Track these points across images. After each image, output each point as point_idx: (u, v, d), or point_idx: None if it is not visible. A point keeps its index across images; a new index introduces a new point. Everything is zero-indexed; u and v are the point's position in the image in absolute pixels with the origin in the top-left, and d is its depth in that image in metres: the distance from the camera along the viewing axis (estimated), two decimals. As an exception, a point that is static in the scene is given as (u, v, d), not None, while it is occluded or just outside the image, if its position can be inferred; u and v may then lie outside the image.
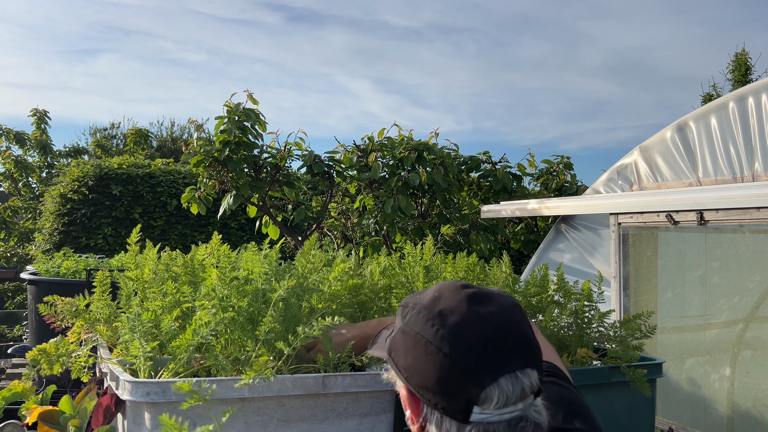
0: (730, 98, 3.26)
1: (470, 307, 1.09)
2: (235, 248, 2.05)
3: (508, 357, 1.05)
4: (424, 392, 1.08)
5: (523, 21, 38.72)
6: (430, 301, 1.13)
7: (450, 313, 1.09)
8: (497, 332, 1.07)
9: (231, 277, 1.69)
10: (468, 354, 1.05)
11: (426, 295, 1.16)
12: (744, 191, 2.88)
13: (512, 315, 1.11)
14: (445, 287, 1.15)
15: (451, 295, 1.12)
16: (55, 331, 1.92)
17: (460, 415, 1.05)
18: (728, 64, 15.75)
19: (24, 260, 9.10)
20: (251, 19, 38.31)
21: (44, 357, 1.74)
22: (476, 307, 1.09)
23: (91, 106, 36.28)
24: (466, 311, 1.08)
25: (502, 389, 1.04)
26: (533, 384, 1.06)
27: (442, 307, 1.10)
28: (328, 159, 4.80)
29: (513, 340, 1.07)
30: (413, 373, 1.09)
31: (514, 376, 1.05)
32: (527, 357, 1.07)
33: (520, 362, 1.06)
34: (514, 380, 1.04)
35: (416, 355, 1.09)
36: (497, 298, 1.12)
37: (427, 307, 1.12)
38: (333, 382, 1.58)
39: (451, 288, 1.14)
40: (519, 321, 1.11)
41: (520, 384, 1.05)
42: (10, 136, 10.04)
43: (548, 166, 5.26)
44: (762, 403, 3.05)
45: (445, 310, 1.09)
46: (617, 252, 3.61)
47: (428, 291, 1.17)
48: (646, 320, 2.04)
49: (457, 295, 1.12)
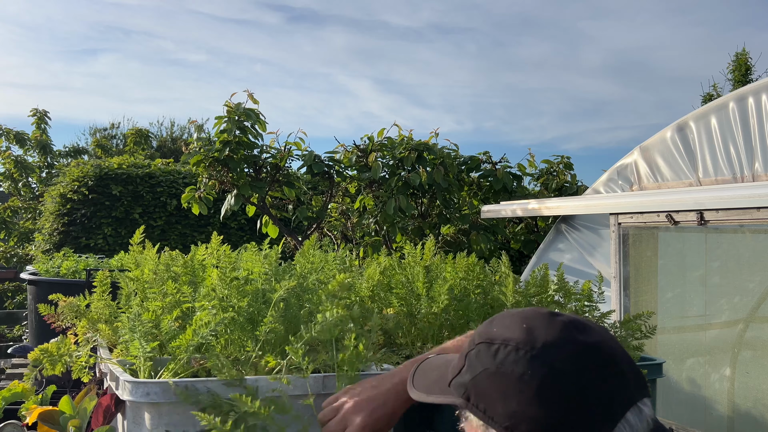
0: (730, 98, 3.27)
1: (577, 337, 0.97)
2: (235, 248, 2.05)
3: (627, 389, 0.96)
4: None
5: (523, 21, 38.75)
6: (525, 334, 0.98)
7: (554, 346, 0.96)
8: (612, 362, 0.96)
9: (231, 277, 1.69)
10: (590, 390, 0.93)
11: (509, 328, 1.01)
12: (744, 191, 2.88)
13: (615, 340, 1.01)
14: (530, 317, 1.01)
15: (544, 324, 0.99)
16: (55, 331, 1.92)
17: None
18: (728, 64, 15.78)
19: (24, 260, 9.10)
20: (251, 19, 38.34)
21: (47, 357, 1.74)
22: (582, 336, 0.97)
23: (91, 106, 36.30)
24: (575, 341, 0.96)
25: (631, 425, 0.94)
26: (651, 413, 0.98)
27: (544, 340, 0.97)
28: (328, 159, 4.81)
29: (626, 369, 0.97)
30: (521, 420, 0.94)
31: (637, 409, 0.96)
32: (641, 385, 0.98)
33: (638, 392, 0.97)
34: (638, 413, 0.95)
35: (522, 399, 0.94)
36: (592, 325, 1.01)
37: (527, 342, 0.97)
38: (333, 382, 1.58)
39: (539, 316, 1.01)
40: (623, 349, 1.00)
41: (645, 416, 0.96)
42: (10, 136, 10.04)
43: (548, 166, 5.27)
44: (762, 403, 3.05)
45: (548, 343, 0.96)
46: (617, 252, 3.61)
47: (507, 323, 1.02)
48: (646, 320, 2.04)
49: (553, 324, 0.99)
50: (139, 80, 35.15)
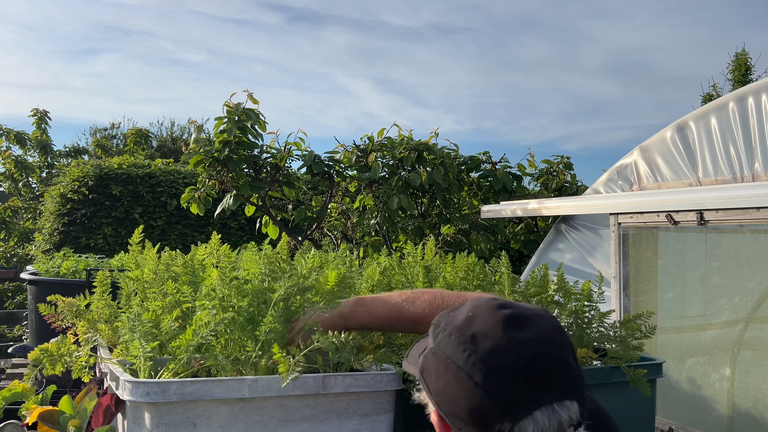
0: (730, 98, 3.27)
1: (506, 331, 1.01)
2: (235, 248, 2.05)
3: (545, 388, 0.98)
4: (455, 420, 1.01)
5: (523, 21, 38.76)
6: (464, 322, 1.05)
7: (483, 337, 1.01)
8: (535, 361, 0.99)
9: (231, 277, 1.69)
10: (501, 384, 0.98)
11: (460, 314, 1.07)
12: (744, 191, 2.88)
13: (552, 340, 1.02)
14: (480, 306, 1.07)
15: (486, 316, 1.04)
16: (56, 331, 1.92)
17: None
18: (728, 64, 15.79)
19: (24, 260, 9.10)
20: (251, 19, 38.35)
21: (47, 357, 1.74)
22: (513, 332, 1.01)
23: (91, 106, 36.33)
24: (502, 336, 1.00)
25: (537, 423, 0.96)
26: (572, 417, 0.99)
27: (475, 330, 1.02)
28: (328, 159, 4.81)
29: (552, 369, 0.99)
30: (444, 399, 1.02)
31: (551, 409, 0.97)
32: (567, 388, 0.99)
33: (559, 394, 0.98)
34: (551, 413, 0.97)
35: (447, 380, 1.02)
36: (537, 320, 1.03)
37: (460, 329, 1.04)
38: (333, 383, 1.58)
39: (487, 308, 1.06)
40: (560, 347, 1.02)
41: (557, 417, 0.97)
42: (10, 136, 10.05)
43: (548, 166, 5.27)
44: (762, 403, 3.05)
45: (478, 333, 1.02)
46: (617, 252, 3.61)
47: (463, 309, 1.09)
48: (646, 320, 2.04)
49: (493, 316, 1.04)
50: (139, 80, 35.19)
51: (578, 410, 1.00)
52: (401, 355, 1.80)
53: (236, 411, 1.51)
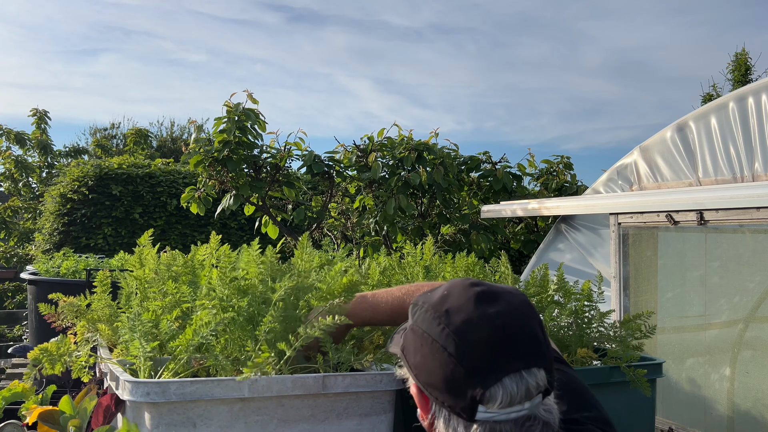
0: (730, 98, 3.27)
1: (477, 306, 1.09)
2: (235, 248, 2.05)
3: (512, 357, 1.06)
4: (432, 390, 1.09)
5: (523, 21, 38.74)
6: (439, 299, 1.13)
7: (456, 312, 1.10)
8: (503, 331, 1.07)
9: (231, 277, 1.69)
10: (472, 353, 1.06)
11: (436, 293, 1.16)
12: (744, 191, 2.88)
13: (520, 314, 1.11)
14: (455, 285, 1.16)
15: (459, 293, 1.13)
16: (56, 331, 1.92)
17: (465, 413, 1.06)
18: (728, 64, 15.77)
19: (24, 260, 9.10)
20: (251, 19, 38.34)
21: (46, 356, 1.74)
22: (483, 306, 1.09)
23: (91, 106, 36.30)
24: (473, 310, 1.09)
25: (507, 389, 1.04)
26: (539, 384, 1.07)
27: (449, 305, 1.11)
28: (328, 159, 4.80)
29: (519, 340, 1.08)
30: (421, 371, 1.11)
31: (518, 375, 1.05)
32: (534, 357, 1.07)
33: (526, 362, 1.06)
34: (518, 380, 1.05)
35: (424, 353, 1.10)
36: (506, 296, 1.12)
37: (435, 306, 1.12)
38: (333, 382, 1.58)
39: (461, 286, 1.15)
40: (527, 320, 1.10)
41: (525, 383, 1.05)
42: (10, 136, 10.04)
43: (548, 166, 5.27)
44: (762, 403, 3.05)
45: (451, 309, 1.10)
46: (617, 252, 3.61)
47: (439, 289, 1.17)
48: (646, 320, 2.04)
49: (465, 293, 1.12)
50: (139, 80, 35.17)
51: (545, 378, 1.08)
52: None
53: (236, 411, 1.51)
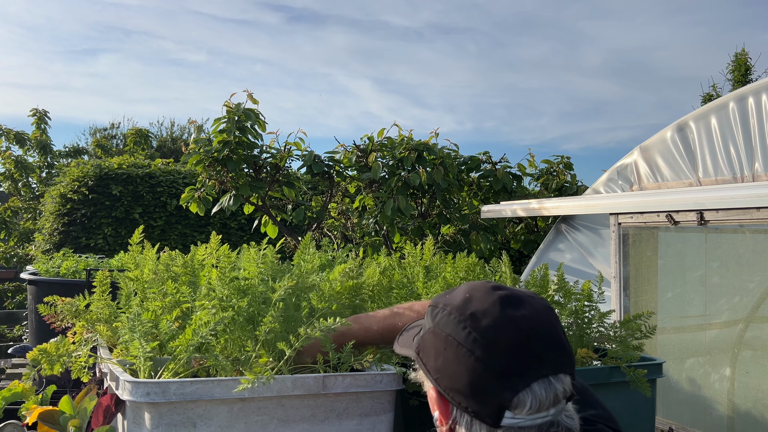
0: (730, 98, 3.27)
1: (503, 310, 1.07)
2: (235, 248, 2.05)
3: (541, 362, 1.04)
4: (455, 395, 1.07)
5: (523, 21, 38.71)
6: (462, 302, 1.11)
7: (482, 315, 1.07)
8: (531, 336, 1.05)
9: (231, 277, 1.69)
10: (501, 358, 1.04)
11: (456, 295, 1.14)
12: (744, 191, 2.88)
13: (546, 318, 1.09)
14: (476, 288, 1.13)
15: (483, 296, 1.11)
16: (55, 331, 1.92)
17: (491, 419, 1.04)
18: (728, 64, 15.77)
19: (24, 260, 9.10)
20: (251, 19, 38.31)
21: (45, 357, 1.74)
22: (509, 310, 1.07)
23: (91, 106, 36.28)
24: (499, 314, 1.07)
25: (535, 394, 1.03)
26: (566, 389, 1.05)
27: (474, 309, 1.09)
28: (328, 159, 4.80)
29: (547, 345, 1.06)
30: (443, 375, 1.08)
31: (547, 381, 1.04)
32: (561, 362, 1.06)
33: (554, 367, 1.05)
34: (547, 385, 1.03)
35: (447, 357, 1.08)
36: (530, 301, 1.10)
37: (459, 309, 1.10)
38: (333, 383, 1.58)
39: (483, 289, 1.12)
40: (553, 325, 1.09)
41: (554, 390, 1.04)
42: (10, 136, 10.04)
43: (548, 166, 5.26)
44: (762, 403, 3.05)
45: (477, 312, 1.08)
46: (617, 252, 3.61)
47: (458, 291, 1.15)
48: (646, 320, 2.04)
49: (490, 297, 1.10)
50: (139, 80, 35.15)
51: (570, 383, 1.07)
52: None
53: (236, 411, 1.51)
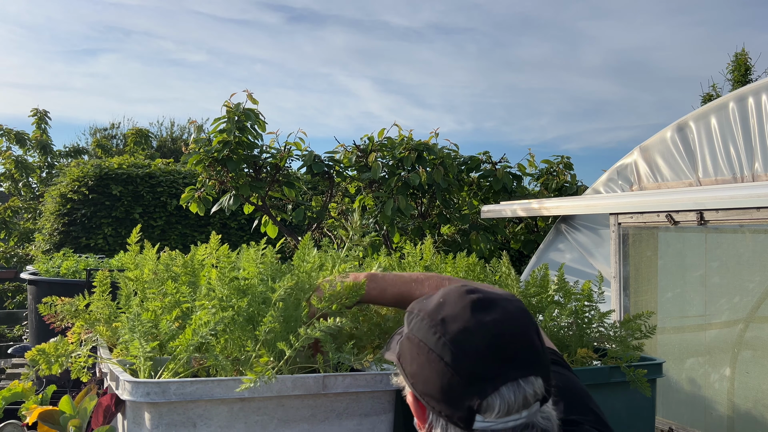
0: (730, 98, 3.26)
1: (473, 315, 1.08)
2: (235, 248, 2.05)
3: (509, 365, 1.05)
4: (429, 399, 1.08)
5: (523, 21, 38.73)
6: (434, 307, 1.12)
7: (452, 320, 1.08)
8: (499, 340, 1.06)
9: (230, 277, 1.69)
10: (469, 363, 1.05)
11: (432, 300, 1.15)
12: (744, 191, 2.88)
13: (517, 322, 1.09)
14: (450, 292, 1.14)
15: (455, 300, 1.12)
16: (55, 331, 1.92)
17: (462, 422, 1.05)
18: (728, 65, 15.77)
19: (24, 260, 9.10)
20: (251, 19, 38.33)
21: (43, 357, 1.74)
22: (479, 315, 1.08)
23: (91, 106, 36.31)
24: (469, 318, 1.08)
25: (504, 398, 1.04)
26: (537, 392, 1.06)
27: (445, 314, 1.10)
28: (328, 159, 4.80)
29: (516, 348, 1.06)
30: (418, 380, 1.10)
31: (515, 384, 1.04)
32: (531, 365, 1.06)
33: (523, 370, 1.05)
34: (516, 388, 1.04)
35: (420, 362, 1.09)
36: (502, 304, 1.11)
37: (431, 314, 1.11)
38: (333, 383, 1.58)
39: (456, 293, 1.13)
40: (524, 327, 1.09)
41: (522, 392, 1.04)
42: (10, 136, 10.04)
43: (548, 166, 5.26)
44: (762, 404, 3.05)
45: (447, 317, 1.09)
46: (617, 252, 3.61)
47: (434, 296, 1.16)
48: (646, 320, 2.04)
49: (461, 301, 1.11)
50: (139, 80, 35.17)
51: (543, 385, 1.07)
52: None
53: (236, 411, 1.51)
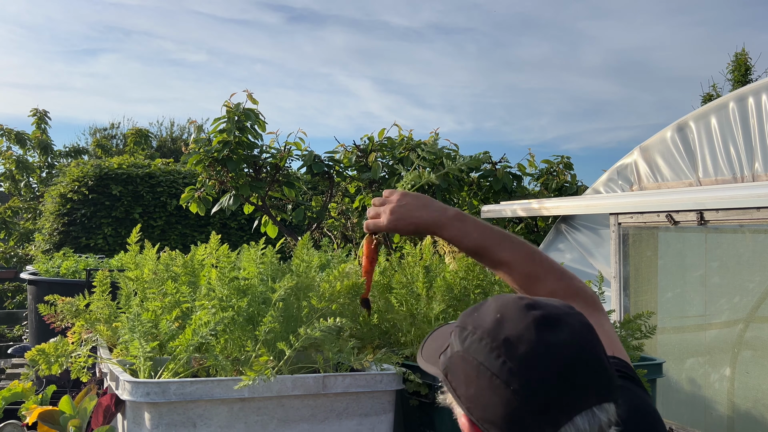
0: (730, 98, 3.27)
1: (540, 335, 0.97)
2: (235, 248, 2.05)
3: (584, 392, 0.95)
4: (490, 426, 0.97)
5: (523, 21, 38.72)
6: (493, 324, 1.00)
7: (517, 341, 0.97)
8: (571, 365, 0.96)
9: (230, 277, 1.69)
10: (540, 391, 0.94)
11: (486, 315, 1.02)
12: (744, 191, 2.88)
13: (585, 341, 0.99)
14: (507, 306, 1.02)
15: (516, 316, 0.99)
16: (55, 331, 1.92)
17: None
18: (728, 64, 15.78)
19: (24, 260, 9.10)
20: (251, 19, 38.32)
21: (43, 357, 1.74)
22: (546, 335, 0.97)
23: (91, 106, 36.29)
24: (536, 340, 0.96)
25: (578, 428, 0.94)
26: (611, 419, 0.97)
27: (507, 334, 0.98)
28: (328, 159, 4.80)
29: (589, 373, 0.97)
30: (476, 405, 0.98)
31: (590, 412, 0.95)
32: (603, 389, 0.97)
33: (597, 397, 0.96)
34: (590, 417, 0.95)
35: (480, 386, 0.97)
36: (568, 320, 1.00)
37: (491, 333, 0.99)
38: (333, 383, 1.58)
39: (515, 308, 1.01)
40: (593, 346, 0.99)
41: (598, 421, 0.95)
42: (10, 136, 10.04)
43: (548, 166, 5.26)
44: (762, 403, 3.05)
45: (511, 337, 0.97)
46: (617, 252, 3.61)
47: (487, 308, 1.04)
48: (646, 320, 2.04)
49: (524, 317, 0.99)
50: (139, 80, 35.16)
51: (615, 411, 0.98)
52: (401, 355, 1.80)
53: (236, 411, 1.51)
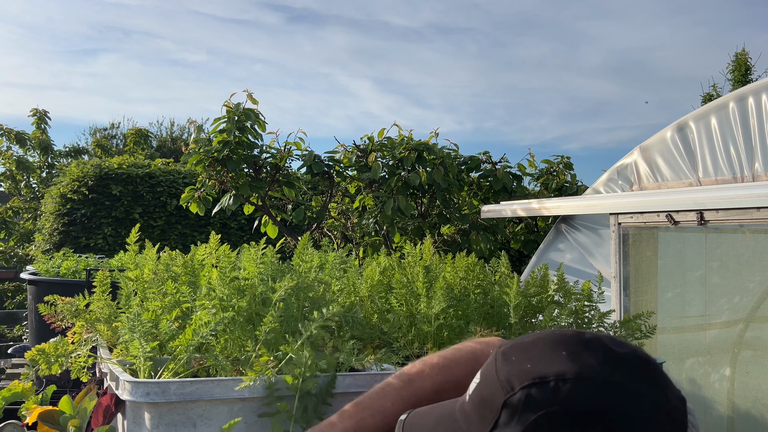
0: (730, 98, 3.27)
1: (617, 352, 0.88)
2: (235, 248, 2.05)
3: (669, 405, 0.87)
4: None
5: (523, 21, 38.76)
6: (574, 363, 0.85)
7: (613, 370, 0.85)
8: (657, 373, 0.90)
9: (231, 277, 1.69)
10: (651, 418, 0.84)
11: (548, 358, 0.86)
12: (744, 191, 2.88)
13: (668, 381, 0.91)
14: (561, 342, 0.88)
15: (582, 346, 0.87)
16: (55, 331, 1.92)
17: None
18: (728, 64, 15.78)
19: (24, 260, 9.10)
20: (251, 19, 38.34)
21: (43, 357, 1.74)
22: (619, 349, 0.88)
23: (91, 106, 36.31)
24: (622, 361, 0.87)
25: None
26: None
27: (599, 367, 0.85)
28: (328, 159, 4.81)
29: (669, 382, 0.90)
30: None
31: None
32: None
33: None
34: None
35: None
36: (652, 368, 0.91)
37: (586, 371, 0.84)
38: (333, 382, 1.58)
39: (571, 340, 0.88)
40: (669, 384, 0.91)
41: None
42: (10, 136, 10.05)
43: (548, 166, 5.27)
44: (762, 403, 3.05)
45: (606, 370, 0.85)
46: (617, 252, 3.61)
47: (537, 352, 0.88)
48: (646, 320, 2.04)
49: (590, 344, 0.88)
50: (139, 80, 35.18)
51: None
52: (401, 354, 1.80)
53: (236, 411, 1.51)
